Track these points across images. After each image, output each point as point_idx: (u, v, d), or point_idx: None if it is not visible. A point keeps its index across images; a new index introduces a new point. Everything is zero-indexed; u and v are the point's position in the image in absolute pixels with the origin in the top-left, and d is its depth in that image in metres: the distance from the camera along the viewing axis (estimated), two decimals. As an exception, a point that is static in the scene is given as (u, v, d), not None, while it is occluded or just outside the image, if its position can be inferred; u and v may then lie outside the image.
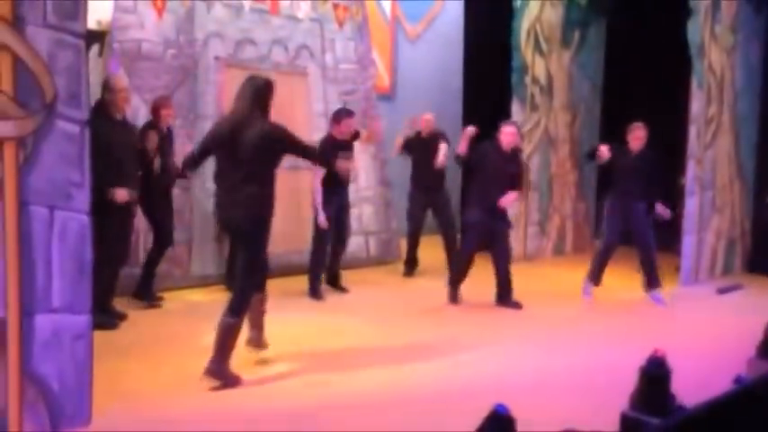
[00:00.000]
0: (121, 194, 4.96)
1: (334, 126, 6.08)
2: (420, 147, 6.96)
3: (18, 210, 3.05)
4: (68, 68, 3.09)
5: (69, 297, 3.21)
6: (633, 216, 6.14)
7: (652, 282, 6.25)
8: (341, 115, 6.07)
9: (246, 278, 4.11)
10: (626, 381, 3.06)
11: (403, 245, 7.41)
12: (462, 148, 5.79)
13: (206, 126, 6.39)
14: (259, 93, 4.10)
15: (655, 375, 2.80)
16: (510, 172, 5.87)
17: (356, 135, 6.34)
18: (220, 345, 4.00)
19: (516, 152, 6.04)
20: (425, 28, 9.53)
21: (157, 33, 6.13)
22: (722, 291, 6.65)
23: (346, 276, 6.53)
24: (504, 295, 5.97)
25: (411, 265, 7.16)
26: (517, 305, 5.93)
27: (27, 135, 3.06)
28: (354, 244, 7.22)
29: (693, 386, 3.29)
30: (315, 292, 6.11)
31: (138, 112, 5.85)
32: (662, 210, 6.07)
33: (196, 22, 6.37)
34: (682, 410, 2.71)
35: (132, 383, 3.98)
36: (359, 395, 3.99)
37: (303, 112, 7.04)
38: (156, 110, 5.65)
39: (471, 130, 5.81)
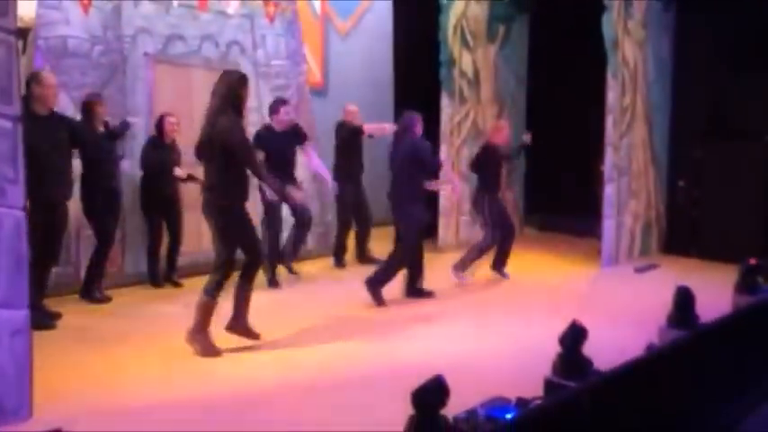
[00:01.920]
0: None
1: (273, 117, 6.35)
2: (345, 138, 7.18)
3: (-50, 207, 3.04)
4: (-1, 64, 3.10)
5: (6, 292, 3.22)
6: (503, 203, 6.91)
7: (502, 263, 6.69)
8: (277, 105, 6.37)
9: (216, 260, 4.53)
10: (550, 352, 3.30)
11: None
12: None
13: (137, 122, 6.38)
14: (232, 88, 4.39)
15: (572, 342, 3.04)
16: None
17: (298, 130, 6.47)
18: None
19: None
20: (355, 23, 9.66)
21: (84, 29, 6.05)
22: (639, 270, 7.08)
23: (283, 270, 6.63)
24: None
25: (340, 254, 7.29)
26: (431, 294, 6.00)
27: (-43, 132, 3.05)
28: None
29: (612, 353, 3.56)
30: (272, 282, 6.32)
31: (65, 110, 5.74)
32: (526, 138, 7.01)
33: (123, 18, 6.31)
34: (597, 373, 2.97)
35: (73, 380, 3.99)
36: (298, 379, 4.12)
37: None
38: (89, 108, 5.58)
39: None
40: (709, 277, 6.11)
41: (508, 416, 2.67)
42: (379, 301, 5.69)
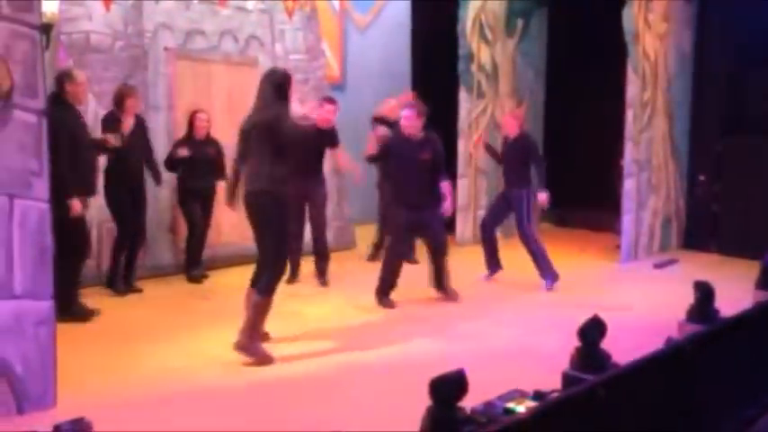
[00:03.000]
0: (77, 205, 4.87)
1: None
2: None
3: (-23, 199, 3.10)
4: (25, 59, 3.15)
5: (31, 284, 3.28)
6: (513, 203, 6.21)
7: (543, 270, 6.15)
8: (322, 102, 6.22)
9: (275, 257, 4.31)
10: (568, 346, 3.30)
11: (359, 232, 7.59)
12: (370, 148, 5.75)
13: (158, 117, 6.46)
14: (278, 85, 4.33)
15: (591, 336, 3.04)
16: (423, 158, 5.40)
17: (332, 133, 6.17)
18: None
19: (429, 137, 5.54)
20: (374, 17, 9.66)
21: (106, 25, 6.13)
22: (659, 266, 7.03)
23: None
24: (441, 283, 5.74)
25: (377, 248, 7.27)
26: (454, 295, 5.72)
27: (-16, 125, 3.11)
28: (309, 232, 7.36)
29: (630, 348, 3.56)
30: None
31: (87, 104, 5.83)
32: (542, 198, 6.05)
33: (144, 14, 6.38)
34: (615, 367, 2.97)
35: (97, 371, 4.06)
36: (316, 374, 4.16)
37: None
38: (120, 99, 5.63)
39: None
40: (730, 273, 6.06)
41: (521, 408, 2.68)
42: (388, 305, 5.55)
